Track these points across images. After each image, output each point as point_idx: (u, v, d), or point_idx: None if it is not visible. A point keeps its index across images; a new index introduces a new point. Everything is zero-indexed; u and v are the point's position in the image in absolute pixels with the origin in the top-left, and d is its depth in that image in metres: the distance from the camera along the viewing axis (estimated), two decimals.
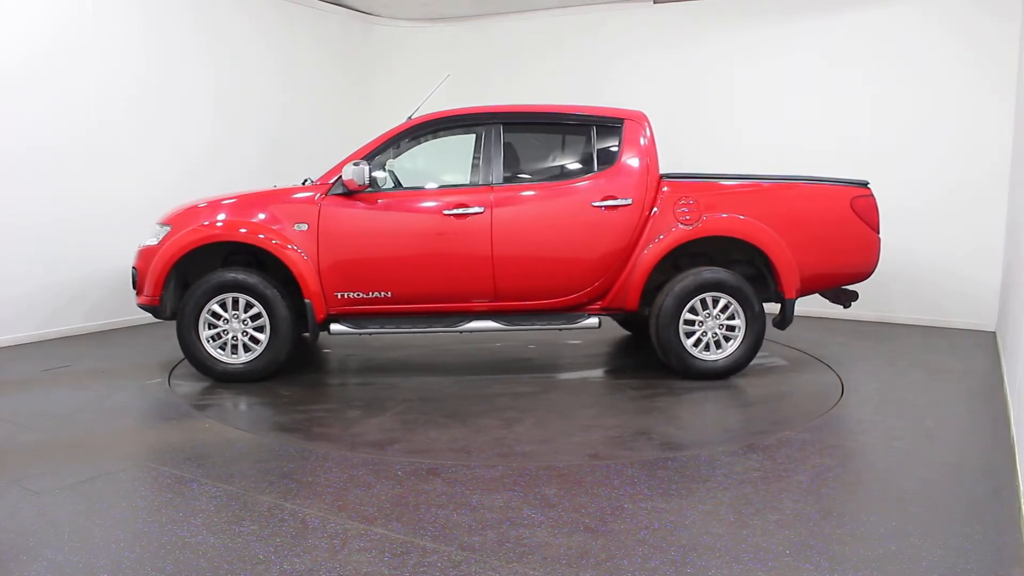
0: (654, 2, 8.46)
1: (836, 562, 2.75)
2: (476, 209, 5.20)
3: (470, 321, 5.29)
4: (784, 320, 5.46)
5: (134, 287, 5.37)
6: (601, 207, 5.27)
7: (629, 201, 5.28)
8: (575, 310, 5.42)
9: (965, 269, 7.23)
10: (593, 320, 5.36)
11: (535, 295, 5.33)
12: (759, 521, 3.09)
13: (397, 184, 5.64)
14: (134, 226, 6.97)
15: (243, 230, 5.13)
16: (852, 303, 5.81)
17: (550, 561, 2.75)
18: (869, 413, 4.72)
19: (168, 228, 5.25)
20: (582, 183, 5.34)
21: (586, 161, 5.46)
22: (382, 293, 5.24)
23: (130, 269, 5.80)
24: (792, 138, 7.81)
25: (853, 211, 5.42)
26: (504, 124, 5.41)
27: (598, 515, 3.16)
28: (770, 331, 5.54)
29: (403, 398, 4.97)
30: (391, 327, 5.24)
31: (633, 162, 5.38)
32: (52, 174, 6.40)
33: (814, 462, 3.77)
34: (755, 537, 2.94)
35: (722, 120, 8.16)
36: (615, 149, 5.42)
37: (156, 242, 5.24)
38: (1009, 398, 4.79)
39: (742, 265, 5.56)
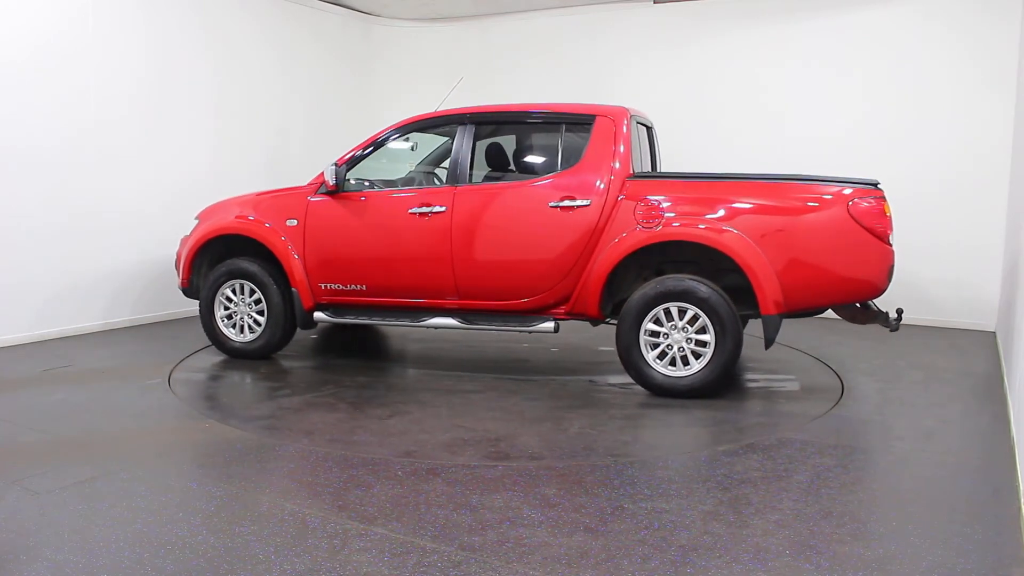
0: (654, 2, 8.46)
1: (836, 562, 2.74)
2: (438, 208, 5.25)
3: (434, 317, 5.39)
4: (765, 339, 4.81)
5: (177, 272, 6.14)
6: (558, 207, 5.06)
7: (587, 202, 5.00)
8: (539, 313, 5.21)
9: (965, 269, 7.23)
10: (549, 324, 5.14)
11: (495, 295, 5.26)
12: (759, 521, 3.09)
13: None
14: (135, 225, 7.03)
15: (244, 224, 5.73)
16: (893, 324, 5.07)
17: (550, 561, 2.75)
18: (869, 413, 4.72)
19: (197, 221, 6.07)
20: (542, 183, 5.21)
21: (552, 160, 5.40)
22: (358, 286, 5.53)
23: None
24: (793, 138, 7.80)
25: (850, 216, 4.68)
26: (475, 124, 5.42)
27: (598, 515, 3.15)
28: None
29: (347, 384, 5.25)
30: (364, 317, 5.60)
31: (597, 161, 5.07)
32: (53, 173, 6.39)
33: (814, 462, 3.77)
34: (755, 537, 2.94)
35: (723, 119, 8.15)
36: (582, 148, 5.17)
37: (189, 233, 6.04)
38: (1009, 398, 4.79)
39: (733, 275, 4.89)
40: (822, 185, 4.87)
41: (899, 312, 5.15)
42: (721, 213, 4.85)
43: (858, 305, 5.16)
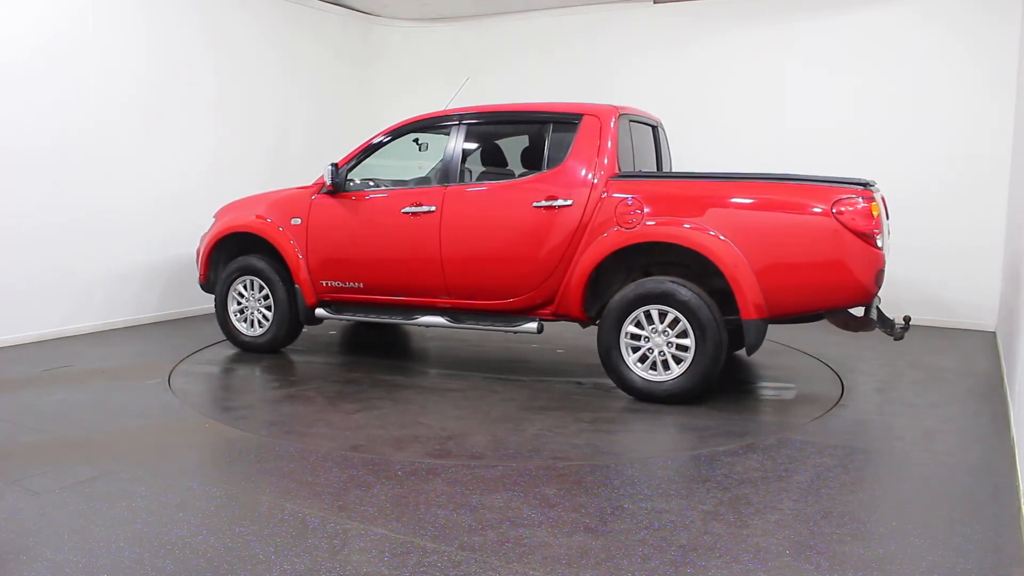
0: (654, 2, 8.46)
1: (836, 562, 2.75)
2: (428, 208, 5.29)
3: (425, 315, 5.47)
4: (747, 345, 4.62)
5: (197, 268, 6.40)
6: (541, 207, 5.01)
7: (570, 202, 4.94)
8: (526, 313, 5.18)
9: (965, 269, 7.23)
10: (532, 324, 5.12)
11: (482, 295, 5.27)
12: (759, 521, 3.09)
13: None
14: (135, 225, 7.03)
15: (252, 223, 5.94)
16: (898, 333, 4.82)
17: (550, 561, 2.75)
18: (869, 413, 4.72)
19: (214, 220, 6.30)
20: (527, 182, 5.19)
21: (538, 159, 5.36)
22: (356, 283, 5.65)
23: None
24: (792, 137, 7.80)
25: (836, 218, 4.44)
26: (466, 125, 5.44)
27: (598, 515, 3.16)
28: (774, 330, 5.09)
29: (335, 379, 5.39)
30: (361, 315, 5.73)
31: (581, 160, 5.00)
32: (53, 173, 6.38)
33: (814, 462, 3.77)
34: (755, 537, 2.94)
35: (723, 119, 8.15)
36: (567, 147, 5.09)
37: (207, 231, 6.27)
38: (1009, 398, 4.79)
39: (721, 279, 4.67)
40: (808, 185, 4.65)
41: (906, 320, 4.95)
42: (702, 213, 4.70)
43: (861, 311, 4.94)
